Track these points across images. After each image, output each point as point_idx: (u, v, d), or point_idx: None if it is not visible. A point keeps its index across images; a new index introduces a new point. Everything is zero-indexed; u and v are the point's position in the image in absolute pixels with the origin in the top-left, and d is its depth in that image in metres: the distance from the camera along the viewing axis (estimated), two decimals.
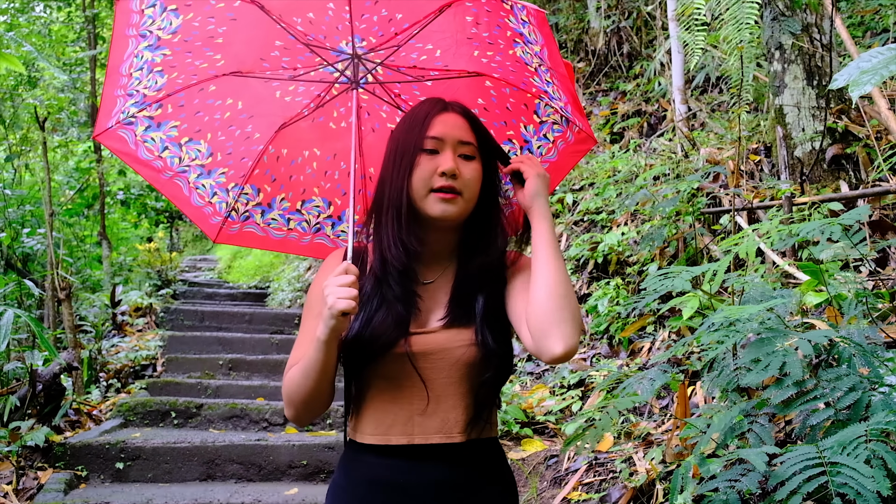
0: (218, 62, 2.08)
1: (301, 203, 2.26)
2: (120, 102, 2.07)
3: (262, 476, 4.75)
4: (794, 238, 2.69)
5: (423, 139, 1.74)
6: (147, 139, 2.12)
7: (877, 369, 2.13)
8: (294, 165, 2.23)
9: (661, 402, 3.86)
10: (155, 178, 2.16)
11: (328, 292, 1.59)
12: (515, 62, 2.06)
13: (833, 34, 4.51)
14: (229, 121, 2.16)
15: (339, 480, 1.79)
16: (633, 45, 8.34)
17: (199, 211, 2.20)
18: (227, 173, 2.19)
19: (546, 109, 2.13)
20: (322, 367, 1.66)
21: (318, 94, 2.18)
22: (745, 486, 2.12)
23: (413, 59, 2.11)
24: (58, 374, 5.13)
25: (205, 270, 15.06)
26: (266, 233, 2.26)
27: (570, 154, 2.17)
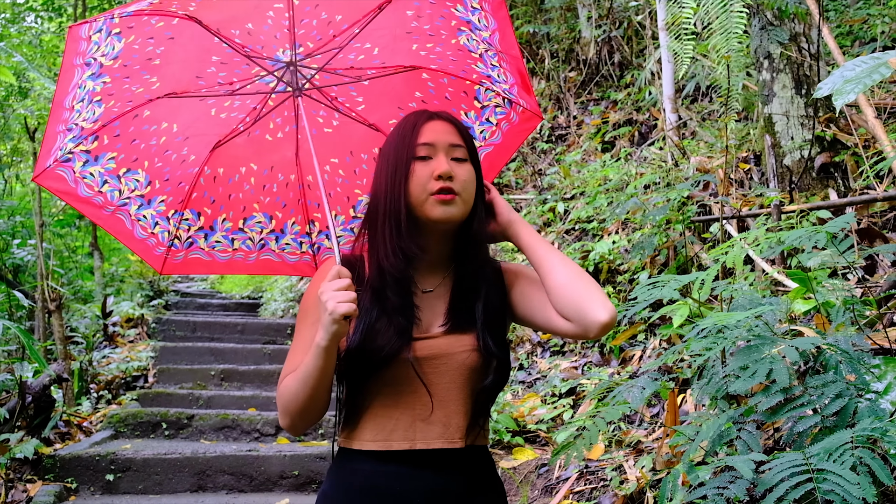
0: (153, 85, 2.04)
1: (243, 221, 2.21)
2: (59, 139, 2.03)
3: (253, 487, 4.74)
4: (782, 246, 2.70)
5: (415, 147, 1.75)
6: (86, 175, 2.07)
7: (863, 376, 2.13)
8: (232, 184, 2.18)
9: (652, 409, 3.86)
10: (97, 214, 2.11)
11: (326, 297, 1.58)
12: (457, 51, 2.06)
13: (821, 43, 4.54)
14: (165, 145, 2.11)
15: (329, 492, 1.77)
16: (624, 54, 8.38)
17: (142, 244, 2.15)
18: (167, 200, 2.14)
19: (487, 94, 2.13)
20: (321, 374, 1.64)
21: (255, 107, 2.15)
22: (734, 493, 2.12)
23: (350, 60, 2.10)
24: (48, 386, 5.11)
25: (197, 281, 15.00)
26: (212, 257, 2.21)
27: (516, 134, 2.18)
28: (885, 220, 3.95)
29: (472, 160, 1.80)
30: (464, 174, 1.76)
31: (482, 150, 2.16)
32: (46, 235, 7.58)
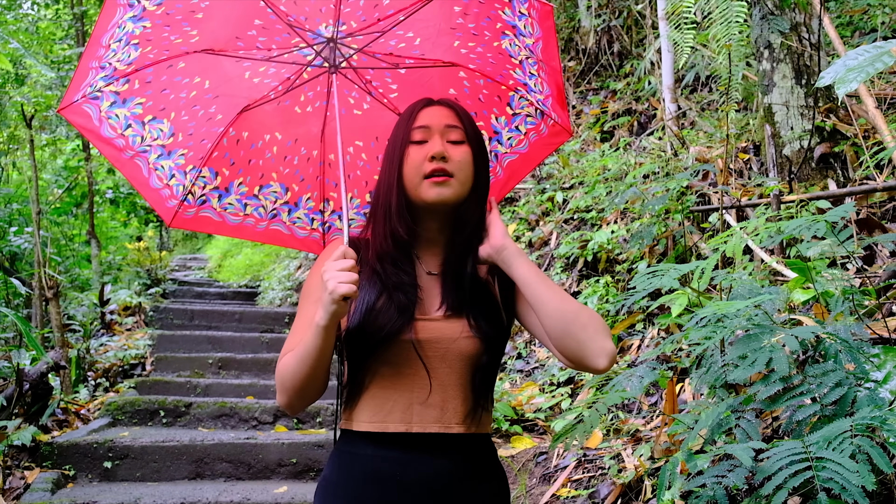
0: (192, 38, 2.03)
1: (259, 188, 2.20)
2: (91, 75, 2.02)
3: (251, 475, 4.74)
4: (782, 235, 2.70)
5: (411, 131, 1.77)
6: (111, 115, 2.06)
7: (862, 365, 2.14)
8: (254, 149, 2.18)
9: (650, 399, 3.87)
10: (116, 156, 2.10)
11: (328, 277, 1.58)
12: (498, 54, 2.04)
13: (821, 33, 4.53)
14: (194, 100, 2.10)
15: (330, 476, 1.77)
16: (624, 43, 8.36)
17: (156, 193, 2.14)
18: (187, 155, 2.13)
19: (520, 102, 2.12)
20: (319, 353, 1.64)
21: (288, 77, 2.14)
22: (732, 481, 2.12)
23: (391, 47, 2.09)
24: (45, 374, 5.10)
25: (195, 269, 15.01)
26: (222, 218, 2.20)
27: (542, 146, 2.16)
28: (885, 210, 3.95)
29: (471, 143, 1.79)
30: (459, 155, 1.76)
31: (506, 156, 2.16)
32: (43, 223, 7.56)
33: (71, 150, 10.92)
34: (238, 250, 14.37)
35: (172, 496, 4.16)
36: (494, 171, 2.15)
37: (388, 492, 1.68)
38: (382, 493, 1.68)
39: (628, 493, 3.16)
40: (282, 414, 5.59)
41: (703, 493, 2.15)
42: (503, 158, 2.16)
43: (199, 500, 4.11)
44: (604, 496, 3.23)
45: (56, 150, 10.86)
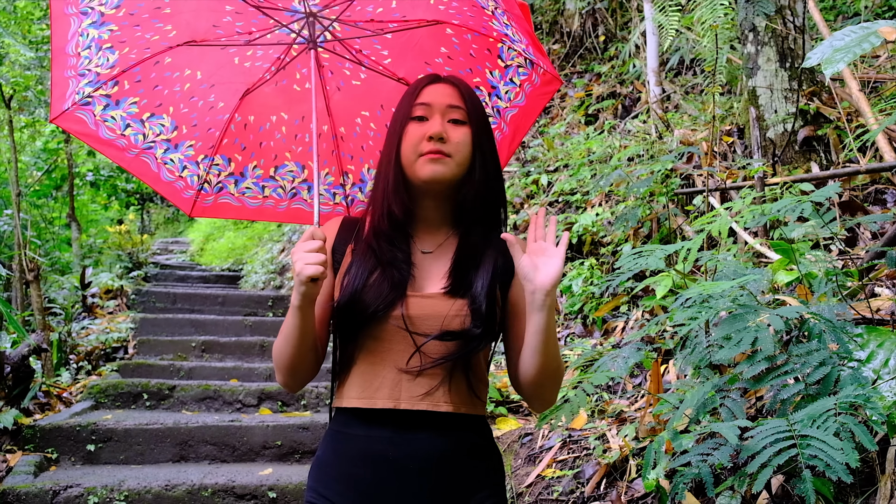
0: (169, 33, 2.03)
1: (274, 169, 2.22)
2: (72, 84, 2.03)
3: (235, 457, 4.73)
4: (767, 216, 2.71)
5: (412, 107, 1.76)
6: (107, 118, 2.08)
7: (846, 345, 2.15)
8: (262, 132, 2.19)
9: (635, 380, 3.89)
10: (120, 156, 2.12)
11: (295, 259, 1.59)
12: (472, 6, 2.03)
13: (806, 16, 4.54)
14: (190, 92, 2.12)
15: (323, 456, 1.78)
16: (608, 26, 8.34)
17: (170, 186, 2.17)
18: (195, 145, 2.15)
19: (510, 53, 2.11)
20: (300, 332, 1.67)
21: (278, 57, 2.14)
22: (717, 459, 2.14)
23: (369, 13, 2.08)
24: (26, 356, 5.06)
25: (177, 253, 14.93)
26: (241, 202, 2.23)
27: (538, 97, 2.16)
28: (867, 192, 3.98)
29: (472, 124, 1.77)
30: (458, 136, 1.75)
31: (507, 111, 2.15)
32: (23, 206, 7.48)
33: (50, 132, 10.78)
34: (220, 234, 14.30)
35: (156, 479, 4.14)
36: (500, 128, 2.15)
37: (381, 471, 1.68)
38: (375, 473, 1.68)
39: (613, 473, 3.18)
40: (266, 396, 5.58)
41: (688, 472, 2.17)
42: (505, 113, 2.15)
43: (184, 483, 4.09)
44: (589, 476, 3.25)
45: (35, 131, 10.74)
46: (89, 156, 11.30)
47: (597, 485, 3.19)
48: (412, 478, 1.67)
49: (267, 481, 4.18)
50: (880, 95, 4.56)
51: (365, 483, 1.69)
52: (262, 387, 5.65)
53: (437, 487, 1.68)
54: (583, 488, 3.23)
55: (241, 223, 13.99)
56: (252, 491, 4.11)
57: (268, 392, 5.60)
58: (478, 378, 1.78)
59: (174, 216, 20.88)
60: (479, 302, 1.71)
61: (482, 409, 1.81)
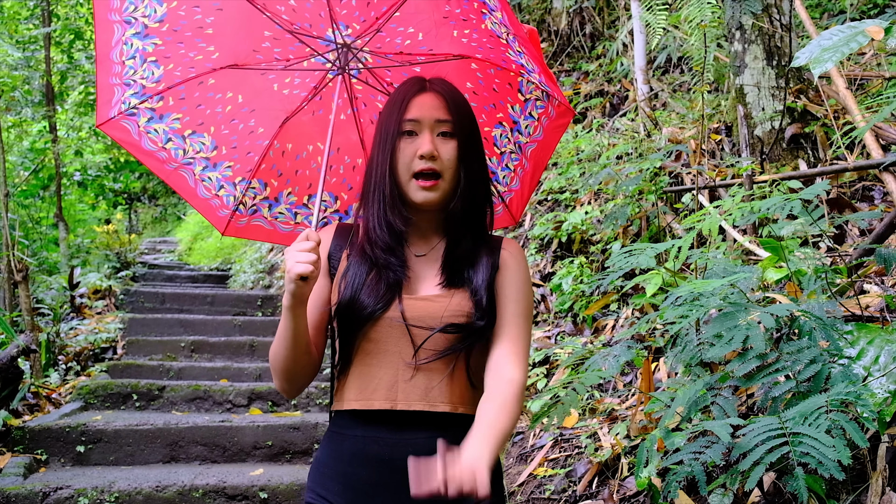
0: (213, 54, 2.09)
1: (308, 197, 2.27)
2: (118, 92, 2.07)
3: (226, 457, 4.72)
4: (756, 215, 2.73)
5: (402, 122, 1.78)
6: (150, 130, 2.13)
7: (836, 342, 2.17)
8: (299, 160, 2.24)
9: (626, 378, 3.90)
10: (160, 168, 2.18)
11: (287, 257, 1.62)
12: (489, 37, 2.06)
13: (792, 14, 4.56)
14: (231, 114, 2.18)
15: (321, 458, 1.80)
16: (596, 25, 8.36)
17: (206, 203, 2.21)
18: (234, 167, 2.21)
19: (528, 86, 2.14)
20: (293, 334, 1.69)
21: (314, 86, 2.19)
22: (709, 457, 2.15)
23: (398, 45, 2.12)
24: (15, 358, 5.03)
25: (165, 253, 14.86)
26: (273, 226, 2.28)
27: (554, 130, 2.19)
28: (854, 190, 4.01)
29: (459, 135, 1.80)
30: (448, 152, 1.78)
31: (528, 146, 2.18)
32: (11, 206, 7.43)
33: (37, 132, 10.74)
34: (209, 233, 14.23)
35: (147, 479, 4.13)
36: (521, 164, 2.19)
37: (379, 471, 1.70)
38: (372, 473, 1.70)
39: (605, 472, 3.20)
40: (256, 396, 5.57)
41: (681, 470, 2.18)
42: (526, 149, 2.19)
43: (175, 484, 4.08)
44: (580, 475, 3.26)
45: (22, 131, 10.67)
46: (77, 156, 11.25)
47: (589, 483, 3.20)
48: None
49: (258, 482, 4.17)
50: (867, 92, 4.59)
51: (363, 483, 1.71)
52: (253, 387, 5.64)
53: None
54: (575, 487, 3.24)
55: None
56: (243, 491, 4.10)
57: (258, 392, 5.58)
58: (477, 375, 1.79)
59: (162, 216, 20.80)
60: (480, 294, 1.75)
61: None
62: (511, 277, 1.82)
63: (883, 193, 3.91)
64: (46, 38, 9.46)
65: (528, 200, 2.25)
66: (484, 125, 2.15)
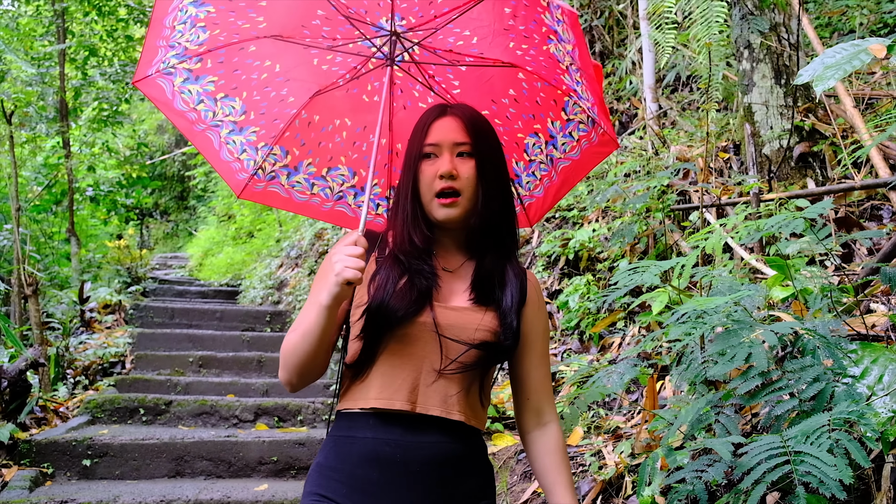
0: (260, 24, 2.12)
1: (327, 170, 2.29)
2: (161, 52, 2.11)
3: (231, 473, 4.72)
4: (761, 232, 2.72)
5: (423, 146, 1.86)
6: (184, 90, 2.16)
7: (840, 361, 2.16)
8: (324, 132, 2.27)
9: (631, 396, 3.88)
10: (188, 128, 2.20)
11: (337, 259, 1.66)
12: (548, 58, 2.09)
13: (800, 33, 4.57)
14: (266, 82, 2.20)
15: (325, 461, 1.80)
16: (605, 43, 8.38)
17: (227, 166, 2.24)
18: (259, 132, 2.23)
19: (574, 108, 2.16)
20: (322, 332, 1.73)
21: (355, 67, 2.22)
22: (712, 476, 2.14)
23: (450, 44, 2.15)
24: (24, 371, 5.05)
25: (175, 268, 14.93)
26: (289, 194, 2.29)
27: (593, 154, 2.22)
28: (863, 209, 3.99)
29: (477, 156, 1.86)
30: (467, 171, 1.85)
31: (560, 161, 2.21)
32: (23, 220, 7.49)
33: (51, 148, 10.82)
34: (219, 249, 14.31)
35: (152, 494, 4.13)
36: (549, 176, 2.22)
37: (389, 473, 1.72)
38: (382, 474, 1.73)
39: (609, 490, 3.17)
40: (263, 412, 5.57)
41: (683, 488, 2.16)
42: (558, 163, 2.22)
43: (179, 498, 4.08)
44: (584, 493, 3.24)
45: (36, 146, 10.76)
46: (89, 171, 11.33)
47: (593, 501, 3.18)
48: (420, 481, 1.72)
49: (262, 497, 4.17)
50: (875, 112, 4.58)
51: (373, 485, 1.73)
52: (259, 402, 5.64)
53: (444, 492, 1.74)
54: None
55: (240, 238, 14.00)
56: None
57: (264, 407, 5.59)
58: (486, 395, 1.86)
59: (173, 231, 20.91)
60: (510, 317, 1.82)
61: (484, 423, 1.87)
62: (537, 313, 1.92)
63: (891, 213, 3.89)
64: (61, 55, 9.57)
65: (547, 210, 2.29)
66: (518, 132, 2.20)
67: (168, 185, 20.33)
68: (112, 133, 11.43)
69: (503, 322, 1.81)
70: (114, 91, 10.61)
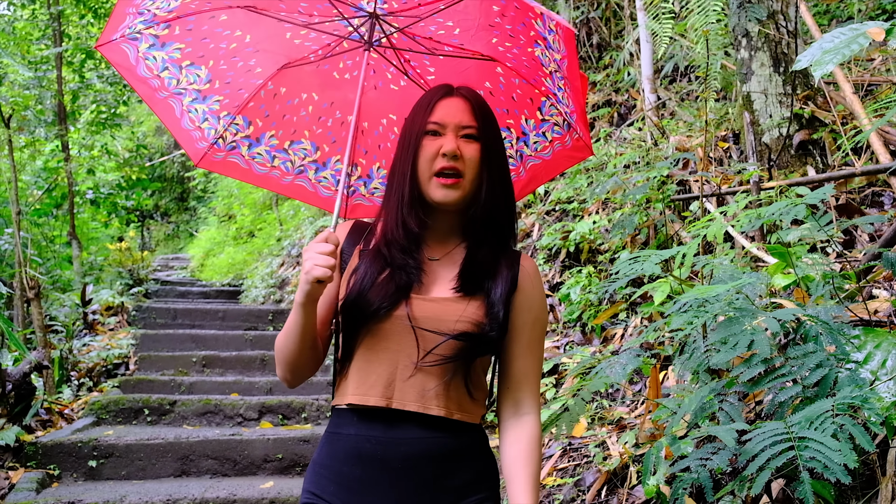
0: None
1: (289, 143, 2.27)
2: (129, 19, 2.07)
3: (237, 471, 4.73)
4: (762, 220, 2.71)
5: (427, 123, 1.80)
6: (148, 57, 2.12)
7: (843, 346, 2.15)
8: (290, 105, 2.25)
9: (634, 387, 3.88)
10: (150, 95, 2.17)
11: (306, 257, 1.63)
12: (531, 60, 2.08)
13: (799, 21, 4.56)
14: (234, 52, 2.18)
15: (318, 458, 1.80)
16: (603, 35, 8.37)
17: (187, 134, 2.21)
18: (222, 101, 2.20)
19: (550, 109, 2.15)
20: (302, 329, 1.71)
21: (329, 44, 2.19)
22: (716, 463, 2.14)
23: (430, 32, 2.13)
24: (28, 374, 5.06)
25: (177, 269, 14.95)
26: (249, 166, 2.27)
27: (565, 158, 2.20)
28: (864, 195, 3.99)
29: (482, 140, 1.81)
30: (471, 153, 1.79)
31: (530, 159, 2.20)
32: (23, 224, 7.49)
33: (50, 151, 10.81)
34: (220, 249, 14.31)
35: (158, 493, 4.14)
36: (517, 171, 2.20)
37: (371, 470, 1.70)
38: (365, 472, 1.70)
39: (613, 480, 3.18)
40: (267, 410, 5.58)
41: (688, 477, 2.16)
42: (527, 160, 2.20)
43: (185, 497, 4.09)
44: (589, 484, 3.24)
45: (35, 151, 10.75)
46: (89, 174, 11.33)
47: (598, 492, 3.18)
48: (402, 477, 1.69)
49: (268, 494, 4.17)
50: (875, 98, 4.57)
51: (356, 482, 1.71)
52: (263, 400, 5.65)
53: (432, 487, 1.70)
54: (584, 496, 3.23)
55: (240, 238, 14.00)
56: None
57: (268, 405, 5.59)
58: (476, 385, 1.79)
59: (174, 233, 20.91)
60: (497, 308, 1.76)
61: (478, 416, 1.81)
62: (529, 301, 1.83)
63: (892, 198, 3.88)
64: (58, 58, 9.56)
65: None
66: None
67: (168, 187, 20.34)
68: (111, 135, 11.44)
69: (489, 312, 1.74)
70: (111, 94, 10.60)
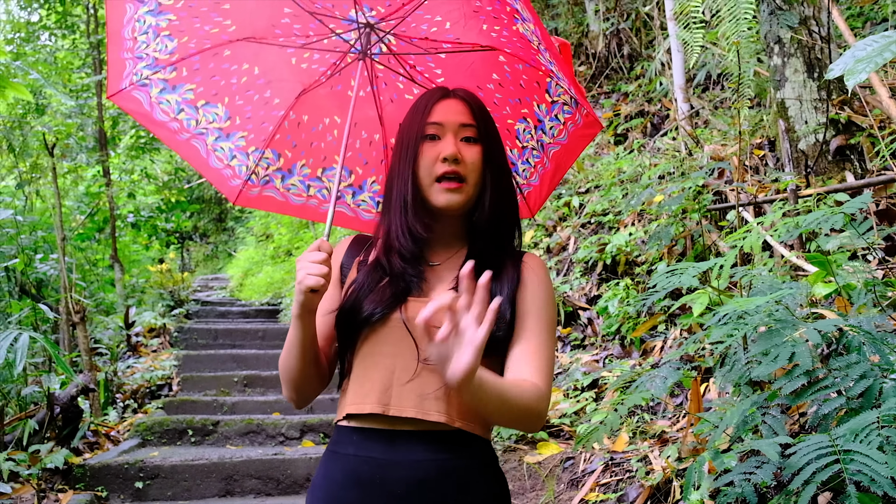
0: (229, 28, 2.08)
1: (321, 170, 2.24)
2: (129, 65, 2.07)
3: (280, 490, 4.77)
4: (800, 229, 2.69)
5: (425, 126, 1.74)
6: (162, 101, 2.12)
7: (887, 356, 2.12)
8: (315, 132, 2.23)
9: (675, 399, 3.85)
10: (171, 138, 2.17)
11: (299, 268, 1.58)
12: (520, 38, 2.03)
13: (831, 26, 4.51)
14: (246, 85, 2.17)
15: (316, 480, 1.72)
16: (633, 46, 8.36)
17: (217, 173, 2.20)
18: (247, 137, 2.19)
19: (556, 89, 2.10)
20: (301, 343, 1.65)
21: (334, 63, 2.18)
22: (760, 478, 2.12)
23: (424, 31, 2.10)
24: (75, 397, 5.16)
25: (216, 289, 15.12)
26: (286, 198, 2.25)
27: (580, 137, 2.15)
28: None
29: (483, 141, 1.76)
30: (472, 156, 1.74)
31: (550, 147, 2.14)
32: (68, 249, 7.65)
33: (91, 177, 11.05)
34: (258, 269, 14.45)
35: None
36: (542, 163, 2.15)
37: (370, 496, 1.60)
38: (364, 498, 1.61)
39: (657, 495, 3.15)
40: (308, 429, 5.62)
41: (732, 492, 2.14)
42: (549, 149, 2.15)
43: None
44: (633, 499, 3.22)
45: (77, 176, 11.01)
46: (129, 198, 11.55)
47: None
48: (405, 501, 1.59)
49: None
50: None
51: None
52: (304, 419, 5.69)
53: None
54: None
55: (278, 257, 14.13)
56: None
57: (310, 424, 5.63)
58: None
59: (213, 253, 21.18)
60: (503, 305, 1.67)
61: (483, 428, 1.70)
62: (533, 292, 1.74)
63: None
64: (98, 86, 9.78)
65: (546, 198, 2.20)
66: (507, 118, 2.12)
67: (206, 208, 20.62)
68: (150, 159, 11.65)
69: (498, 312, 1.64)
70: None
